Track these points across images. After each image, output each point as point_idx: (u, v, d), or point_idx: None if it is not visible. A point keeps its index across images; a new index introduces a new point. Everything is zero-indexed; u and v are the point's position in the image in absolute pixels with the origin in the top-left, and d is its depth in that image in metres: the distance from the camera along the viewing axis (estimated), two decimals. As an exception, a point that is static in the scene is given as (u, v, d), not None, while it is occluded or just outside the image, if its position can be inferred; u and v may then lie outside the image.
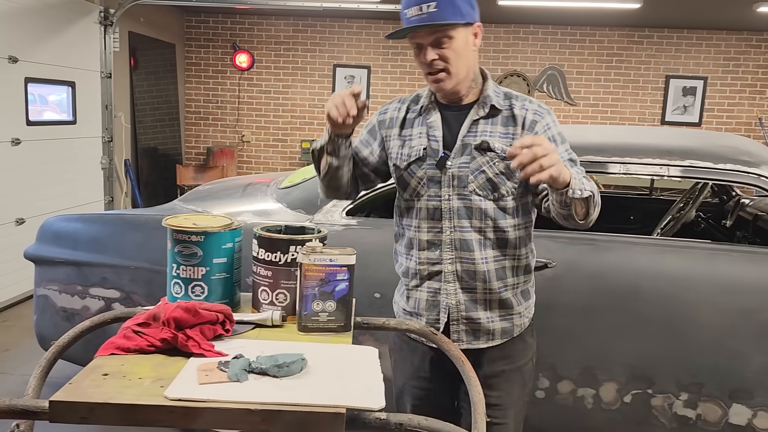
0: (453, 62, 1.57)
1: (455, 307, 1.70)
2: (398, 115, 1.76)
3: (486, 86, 1.68)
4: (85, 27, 5.48)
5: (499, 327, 1.71)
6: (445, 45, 1.56)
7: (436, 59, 1.57)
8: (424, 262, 1.71)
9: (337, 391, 1.14)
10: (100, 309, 2.80)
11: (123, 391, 1.12)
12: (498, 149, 1.62)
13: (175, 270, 1.54)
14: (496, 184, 1.63)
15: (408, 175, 1.71)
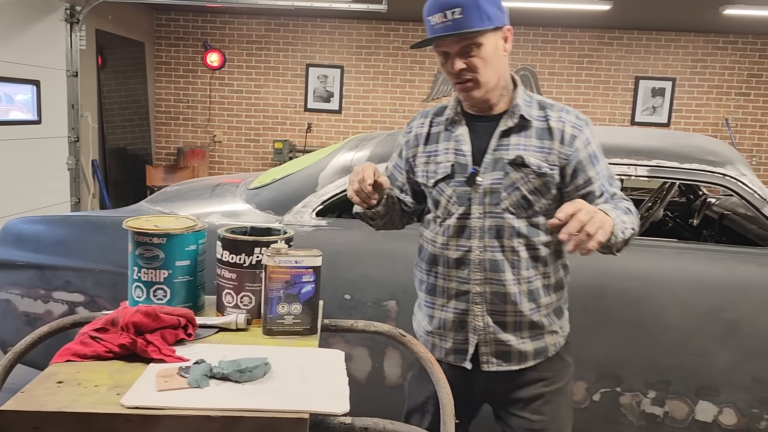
0: (482, 71, 1.48)
1: (483, 329, 1.60)
2: (422, 131, 1.67)
3: (516, 94, 1.57)
4: (50, 25, 5.35)
5: (531, 348, 1.61)
6: (473, 53, 1.47)
7: (464, 69, 1.48)
8: (452, 281, 1.62)
9: (301, 395, 1.12)
10: (63, 313, 2.73)
11: (78, 399, 1.08)
12: (534, 165, 1.52)
13: (137, 273, 1.50)
14: (531, 202, 1.54)
15: (437, 194, 1.62)
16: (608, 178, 1.57)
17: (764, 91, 7.50)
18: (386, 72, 7.68)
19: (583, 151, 1.54)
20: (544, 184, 1.54)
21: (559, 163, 1.53)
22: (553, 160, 1.53)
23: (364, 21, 7.53)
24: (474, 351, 1.62)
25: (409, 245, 2.45)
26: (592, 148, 1.55)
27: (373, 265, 2.41)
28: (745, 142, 7.58)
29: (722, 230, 3.04)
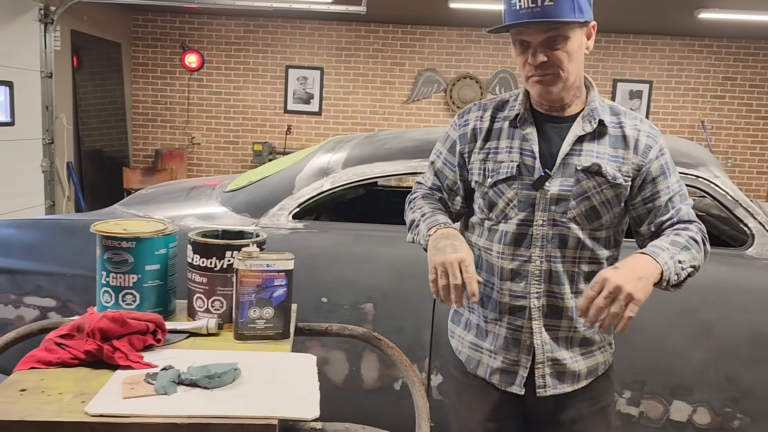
0: (565, 66, 1.37)
1: (540, 348, 1.49)
2: (482, 126, 1.52)
3: (591, 97, 1.47)
4: (24, 25, 5.27)
5: (584, 367, 1.52)
6: (558, 45, 1.35)
7: (546, 61, 1.36)
8: (505, 294, 1.49)
9: (270, 401, 1.10)
10: (35, 318, 2.68)
11: (41, 407, 1.05)
12: (609, 174, 1.42)
13: (105, 278, 1.47)
14: (599, 214, 1.45)
15: (495, 195, 1.49)
16: (678, 193, 1.47)
17: (739, 94, 7.61)
18: (366, 74, 7.67)
19: (655, 163, 1.45)
20: (616, 196, 1.45)
21: (632, 174, 1.45)
22: (627, 170, 1.44)
23: (344, 23, 7.52)
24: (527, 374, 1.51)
25: (385, 248, 2.45)
26: (665, 159, 1.47)
27: (351, 268, 2.39)
28: (720, 144, 7.69)
29: (697, 231, 3.07)
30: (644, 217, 1.48)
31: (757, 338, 2.12)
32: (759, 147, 7.69)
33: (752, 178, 7.74)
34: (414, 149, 2.56)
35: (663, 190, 1.45)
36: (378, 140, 2.70)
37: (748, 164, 7.73)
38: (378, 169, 2.53)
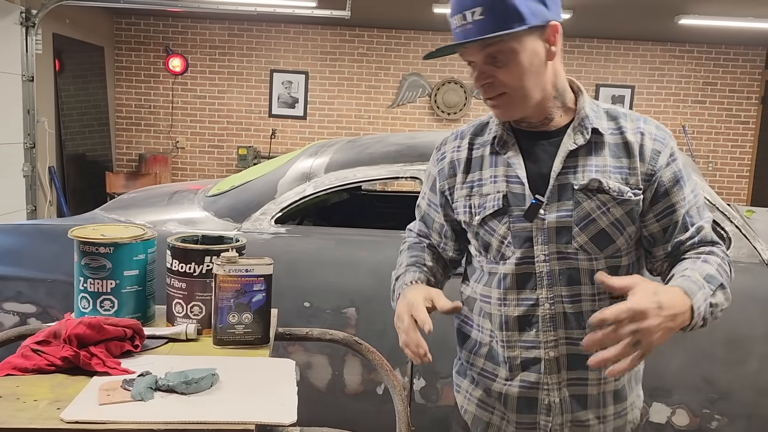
0: (515, 83, 1.17)
1: (559, 407, 1.26)
2: (459, 156, 1.32)
3: (581, 103, 1.25)
4: (4, 28, 5.22)
5: (612, 428, 1.30)
6: (501, 62, 1.16)
7: (489, 82, 1.18)
8: (514, 347, 1.27)
9: (248, 406, 1.11)
10: (14, 324, 2.65)
11: (15, 414, 1.05)
12: (614, 190, 1.21)
13: (83, 284, 1.47)
14: (611, 238, 1.22)
15: (486, 234, 1.28)
16: (697, 206, 1.24)
17: (719, 99, 7.71)
18: (351, 78, 7.68)
19: (666, 170, 1.22)
20: (627, 214, 1.22)
21: (643, 185, 1.22)
22: (635, 182, 1.22)
23: (329, 27, 7.53)
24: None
25: (368, 253, 2.46)
26: (678, 166, 1.23)
27: (333, 273, 2.40)
28: (701, 148, 7.78)
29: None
30: (658, 236, 1.25)
31: (733, 340, 2.15)
32: (739, 151, 7.80)
33: (732, 182, 7.85)
34: (396, 153, 2.57)
35: (679, 202, 1.23)
36: (360, 145, 2.71)
37: (729, 168, 7.84)
38: (360, 173, 2.54)
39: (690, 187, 1.25)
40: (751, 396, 2.15)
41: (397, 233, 2.49)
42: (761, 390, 2.14)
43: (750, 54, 7.61)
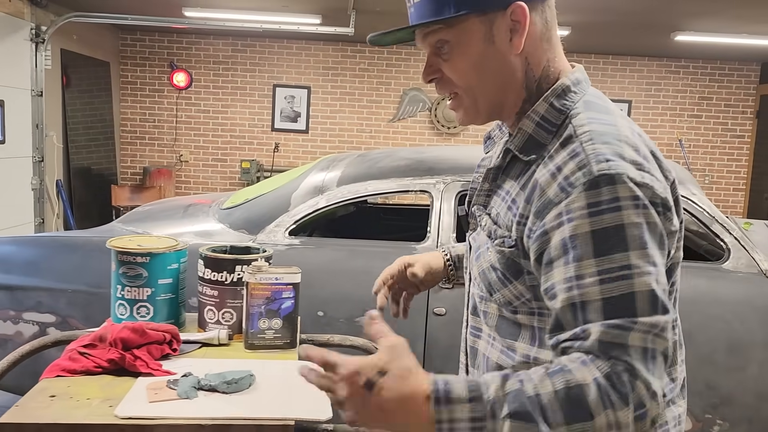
0: (462, 81, 0.94)
1: None
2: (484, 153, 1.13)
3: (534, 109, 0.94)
4: (15, 44, 5.33)
5: None
6: (445, 53, 0.94)
7: (437, 77, 0.97)
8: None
9: (286, 404, 1.19)
10: (34, 334, 2.72)
11: (71, 412, 1.13)
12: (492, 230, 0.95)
13: (120, 291, 1.55)
14: (491, 283, 0.95)
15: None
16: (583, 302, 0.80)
17: (715, 113, 7.85)
18: (353, 93, 7.80)
19: (553, 232, 0.84)
20: (506, 263, 0.92)
21: (518, 234, 0.90)
22: (516, 231, 0.91)
23: (331, 43, 7.66)
24: None
25: (379, 263, 2.53)
26: (571, 229, 0.82)
27: (346, 283, 2.48)
28: (698, 161, 7.90)
29: (676, 246, 3.20)
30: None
31: (734, 347, 2.23)
32: (735, 164, 7.92)
33: (729, 195, 7.96)
34: (405, 168, 2.66)
35: (560, 285, 0.82)
36: (370, 159, 2.80)
37: (725, 181, 7.95)
38: (371, 186, 2.63)
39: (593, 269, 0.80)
40: (751, 400, 2.23)
41: (407, 244, 2.58)
42: (761, 395, 2.22)
43: (744, 69, 7.75)
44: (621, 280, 0.78)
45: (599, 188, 0.81)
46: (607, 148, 0.84)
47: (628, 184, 0.81)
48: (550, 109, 0.92)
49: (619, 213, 0.80)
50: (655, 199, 0.83)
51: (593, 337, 0.78)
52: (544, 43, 0.95)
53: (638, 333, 0.77)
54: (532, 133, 0.92)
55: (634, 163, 0.83)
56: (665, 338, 0.79)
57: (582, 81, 0.96)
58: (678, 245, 0.91)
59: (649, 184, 0.83)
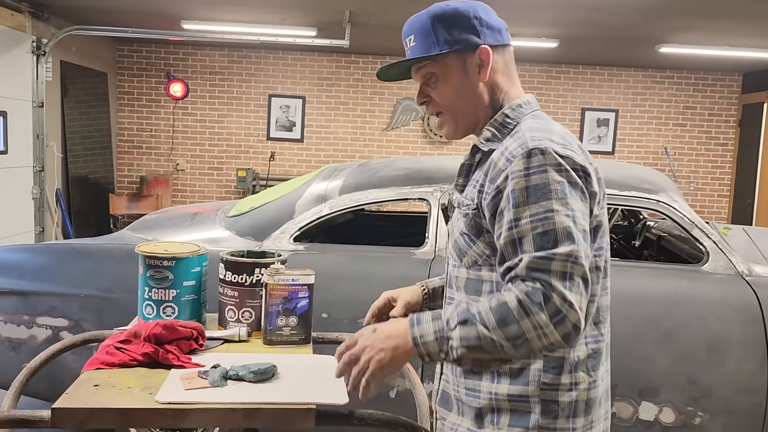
0: (444, 102, 1.26)
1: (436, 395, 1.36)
2: None
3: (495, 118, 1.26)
4: (17, 57, 5.44)
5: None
6: (432, 83, 1.27)
7: (426, 100, 1.29)
8: None
9: (307, 391, 1.32)
10: (47, 338, 2.84)
11: (116, 398, 1.26)
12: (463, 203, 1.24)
13: (147, 293, 1.68)
14: (461, 248, 1.23)
15: None
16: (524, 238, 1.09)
17: (699, 122, 8.06)
18: (347, 102, 7.95)
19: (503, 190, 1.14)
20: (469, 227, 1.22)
21: (478, 200, 1.20)
22: (479, 199, 1.20)
23: (325, 54, 7.81)
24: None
25: (381, 267, 2.68)
26: (512, 185, 1.12)
27: (348, 286, 2.61)
28: (683, 169, 8.11)
29: (660, 250, 3.37)
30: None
31: (713, 344, 2.39)
32: (719, 172, 8.13)
33: (713, 201, 8.17)
34: (404, 177, 2.80)
35: (504, 226, 1.12)
36: (371, 169, 2.94)
37: (709, 188, 8.16)
38: (372, 195, 2.77)
39: (523, 212, 1.10)
40: (729, 394, 2.38)
41: (407, 250, 2.72)
42: (738, 388, 2.37)
43: (727, 80, 7.98)
44: (546, 220, 1.08)
45: (532, 157, 1.12)
46: (541, 134, 1.16)
47: (553, 155, 1.12)
48: (506, 117, 1.25)
49: (546, 174, 1.11)
50: (575, 165, 1.13)
51: (522, 264, 1.08)
52: (504, 76, 1.28)
53: (558, 261, 1.06)
54: (493, 133, 1.25)
55: (559, 144, 1.15)
56: (581, 264, 1.07)
57: (531, 102, 1.29)
58: (601, 211, 1.19)
59: (570, 156, 1.13)
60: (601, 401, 1.21)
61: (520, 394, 1.15)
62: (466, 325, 1.09)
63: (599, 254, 1.18)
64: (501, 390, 1.16)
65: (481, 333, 1.07)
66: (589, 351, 1.18)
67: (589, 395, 1.17)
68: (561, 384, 1.15)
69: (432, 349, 1.11)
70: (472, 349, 1.08)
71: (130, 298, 2.74)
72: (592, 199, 1.15)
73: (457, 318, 1.10)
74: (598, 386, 1.19)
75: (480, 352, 1.08)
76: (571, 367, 1.15)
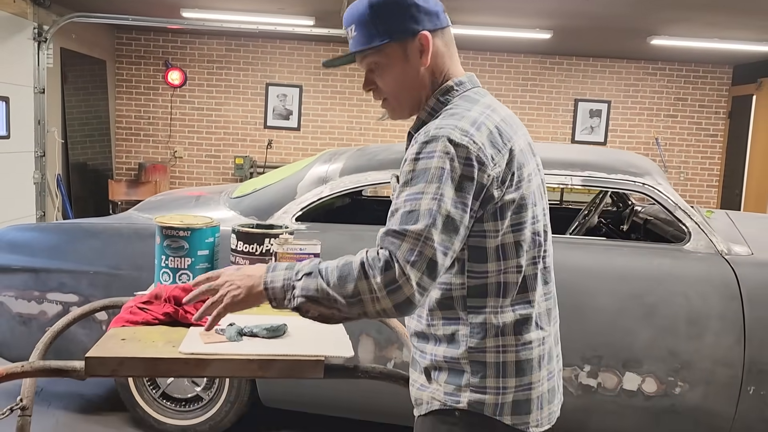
0: (388, 89, 1.31)
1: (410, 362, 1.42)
2: None
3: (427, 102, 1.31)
4: (19, 43, 5.52)
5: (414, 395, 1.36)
6: (376, 71, 1.30)
7: (372, 88, 1.33)
8: None
9: (317, 345, 1.45)
10: (57, 313, 2.95)
11: (143, 350, 1.38)
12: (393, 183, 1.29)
13: (164, 261, 1.80)
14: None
15: None
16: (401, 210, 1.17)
17: (689, 113, 8.21)
18: (343, 92, 8.05)
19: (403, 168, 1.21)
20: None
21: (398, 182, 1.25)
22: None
23: (322, 43, 7.91)
24: None
25: (378, 246, 2.79)
26: (408, 167, 1.19)
27: (348, 263, 2.73)
28: (673, 159, 8.27)
29: (647, 233, 3.51)
30: None
31: (693, 318, 2.53)
32: (708, 162, 8.29)
33: (702, 191, 8.34)
34: (402, 160, 2.92)
35: (392, 205, 1.21)
36: (370, 152, 3.06)
37: (699, 178, 8.33)
38: (371, 177, 2.89)
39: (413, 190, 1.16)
40: (708, 365, 2.52)
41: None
42: (716, 360, 2.51)
43: (718, 72, 8.13)
44: (414, 201, 1.15)
45: (427, 143, 1.18)
46: (449, 121, 1.20)
47: (445, 142, 1.17)
48: (437, 102, 1.30)
49: (431, 160, 1.16)
50: (468, 155, 1.17)
51: (381, 233, 1.17)
52: (445, 57, 1.31)
53: (410, 237, 1.13)
54: (424, 119, 1.30)
55: (461, 131, 1.18)
56: (431, 246, 1.13)
57: (465, 82, 1.32)
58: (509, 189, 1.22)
59: (465, 145, 1.17)
60: (541, 363, 1.28)
61: (452, 356, 1.25)
62: (310, 277, 1.17)
63: (518, 230, 1.24)
64: (439, 352, 1.26)
65: (320, 286, 1.15)
66: (516, 317, 1.25)
67: (518, 357, 1.24)
68: (487, 347, 1.23)
69: (278, 295, 1.20)
70: (310, 300, 1.17)
71: (138, 274, 2.86)
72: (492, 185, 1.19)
73: (305, 270, 1.19)
74: (532, 349, 1.26)
75: (317, 304, 1.17)
76: (496, 331, 1.23)
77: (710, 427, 2.55)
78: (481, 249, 1.22)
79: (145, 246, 2.87)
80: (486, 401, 1.23)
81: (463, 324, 1.25)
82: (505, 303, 1.24)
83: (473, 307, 1.24)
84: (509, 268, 1.24)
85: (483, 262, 1.23)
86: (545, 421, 1.29)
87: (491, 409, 1.23)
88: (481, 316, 1.23)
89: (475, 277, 1.23)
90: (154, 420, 2.97)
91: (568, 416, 2.62)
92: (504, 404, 1.24)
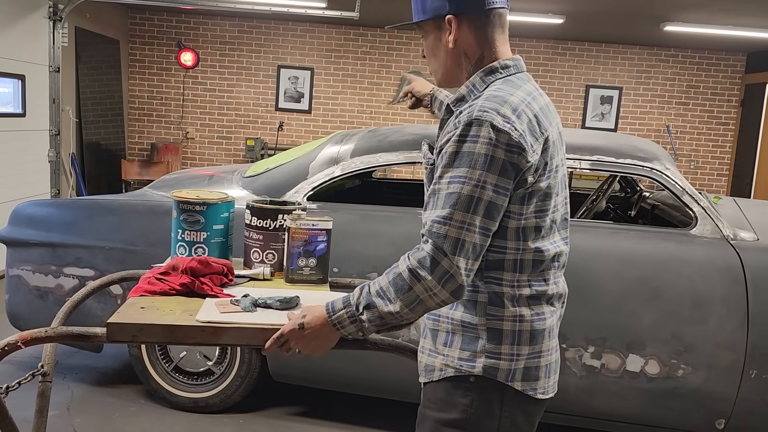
0: (429, 60, 1.42)
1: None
2: None
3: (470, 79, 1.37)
4: (34, 22, 5.56)
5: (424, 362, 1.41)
6: (424, 42, 1.43)
7: (425, 56, 1.45)
8: None
9: (328, 317, 1.50)
10: (73, 287, 3.03)
11: (162, 317, 1.44)
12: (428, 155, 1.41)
13: (180, 234, 1.85)
14: (424, 199, 1.34)
15: None
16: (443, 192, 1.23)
17: (702, 101, 8.17)
18: (354, 75, 8.06)
19: (443, 147, 1.27)
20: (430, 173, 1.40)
21: (435, 155, 1.34)
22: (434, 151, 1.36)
23: (334, 26, 7.91)
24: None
25: (388, 226, 2.85)
26: (452, 148, 1.24)
27: (358, 243, 2.79)
28: (684, 147, 8.24)
29: (654, 219, 3.53)
30: None
31: (697, 302, 2.56)
32: (719, 151, 8.26)
33: (713, 180, 8.31)
34: (413, 142, 2.96)
35: (434, 180, 1.27)
36: (381, 134, 3.10)
37: (709, 166, 8.30)
38: (382, 158, 2.93)
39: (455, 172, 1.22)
40: (710, 349, 2.56)
41: (413, 209, 2.89)
42: (719, 344, 2.55)
43: (731, 59, 8.07)
44: (457, 183, 1.21)
45: (471, 127, 1.22)
46: (491, 104, 1.24)
47: (488, 128, 1.21)
48: (479, 80, 1.35)
49: (475, 144, 1.21)
50: (510, 141, 1.21)
51: (427, 227, 1.22)
52: (480, 40, 1.35)
53: (453, 227, 1.20)
54: (465, 94, 1.35)
55: (503, 117, 1.22)
56: (474, 232, 1.20)
57: (510, 66, 1.36)
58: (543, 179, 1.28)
59: (507, 131, 1.21)
60: (551, 334, 1.36)
61: (469, 321, 1.31)
62: (370, 309, 1.26)
63: (541, 216, 1.30)
64: (456, 316, 1.33)
65: (383, 312, 1.25)
66: (532, 292, 1.32)
67: (533, 327, 1.31)
68: (505, 316, 1.30)
69: (351, 331, 1.30)
70: (382, 326, 1.28)
71: (153, 251, 2.92)
72: (528, 170, 1.24)
73: (363, 303, 1.27)
74: (545, 320, 1.34)
75: (388, 325, 1.29)
76: (513, 302, 1.30)
77: (712, 409, 2.59)
78: (503, 228, 1.28)
79: (160, 223, 2.94)
80: (500, 367, 1.30)
81: (481, 293, 1.31)
82: (522, 278, 1.31)
83: (490, 278, 1.30)
84: (527, 249, 1.30)
85: (503, 239, 1.29)
86: (550, 390, 1.37)
87: (504, 375, 1.30)
88: (498, 287, 1.30)
89: (493, 251, 1.29)
90: (166, 392, 3.05)
91: (572, 396, 2.68)
92: (516, 370, 1.31)
